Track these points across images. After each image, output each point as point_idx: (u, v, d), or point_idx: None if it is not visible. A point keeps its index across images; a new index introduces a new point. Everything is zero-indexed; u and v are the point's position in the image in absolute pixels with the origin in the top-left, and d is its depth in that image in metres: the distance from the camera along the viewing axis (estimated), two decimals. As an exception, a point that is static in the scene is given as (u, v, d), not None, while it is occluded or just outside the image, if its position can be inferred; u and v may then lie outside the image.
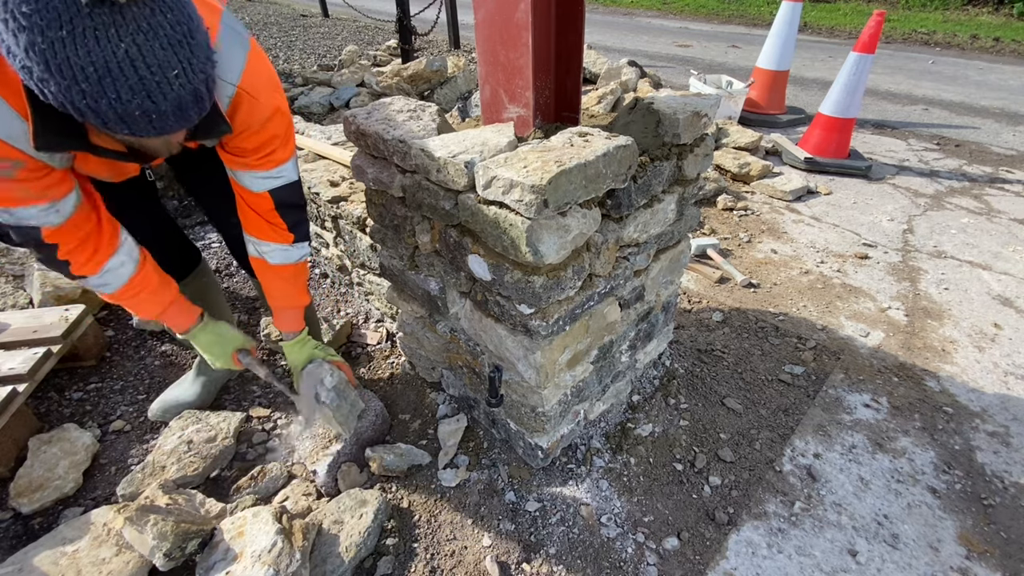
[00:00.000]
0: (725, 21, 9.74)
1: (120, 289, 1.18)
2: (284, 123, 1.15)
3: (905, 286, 2.54)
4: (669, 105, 1.37)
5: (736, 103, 4.32)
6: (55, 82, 0.70)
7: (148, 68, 0.72)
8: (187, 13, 0.75)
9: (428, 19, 6.00)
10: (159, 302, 1.27)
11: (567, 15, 1.29)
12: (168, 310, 1.29)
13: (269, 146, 1.14)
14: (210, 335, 1.38)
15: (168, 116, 0.78)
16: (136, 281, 1.20)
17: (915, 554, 1.43)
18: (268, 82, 1.08)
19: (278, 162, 1.18)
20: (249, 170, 1.18)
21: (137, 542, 1.25)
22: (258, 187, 1.20)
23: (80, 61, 0.69)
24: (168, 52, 0.73)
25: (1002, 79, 6.11)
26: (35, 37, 0.67)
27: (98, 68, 0.69)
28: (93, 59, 0.69)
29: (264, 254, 1.32)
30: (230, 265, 2.53)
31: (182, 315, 1.33)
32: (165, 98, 0.75)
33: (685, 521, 1.49)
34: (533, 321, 1.25)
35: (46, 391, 1.84)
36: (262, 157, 1.15)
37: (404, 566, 1.36)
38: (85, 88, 0.70)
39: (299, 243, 1.33)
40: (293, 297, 1.41)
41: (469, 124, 1.59)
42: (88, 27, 0.68)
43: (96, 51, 0.69)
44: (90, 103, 0.72)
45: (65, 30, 0.67)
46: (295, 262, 1.35)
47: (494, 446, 1.65)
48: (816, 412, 1.85)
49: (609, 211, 1.29)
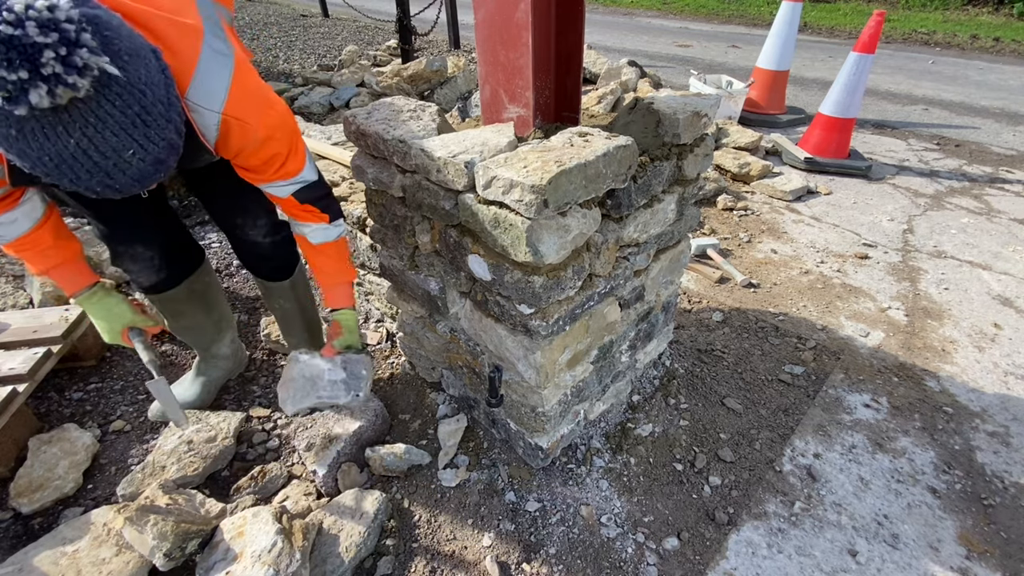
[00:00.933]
0: (725, 21, 9.74)
1: (11, 242, 1.18)
2: (285, 138, 1.14)
3: (905, 286, 2.54)
4: (669, 105, 1.37)
5: (736, 103, 4.32)
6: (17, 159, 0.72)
7: (102, 154, 0.73)
8: (139, 90, 0.74)
9: (428, 19, 6.00)
10: (46, 262, 1.25)
11: (567, 15, 1.29)
12: (56, 271, 1.27)
13: (275, 162, 1.15)
14: (97, 306, 1.32)
15: (131, 185, 0.79)
16: (28, 238, 1.19)
17: (915, 554, 1.43)
18: (257, 101, 1.06)
19: (292, 173, 1.20)
20: (264, 183, 1.21)
21: (137, 542, 1.25)
22: (282, 193, 1.24)
23: (34, 153, 0.70)
24: (121, 136, 0.74)
25: (1002, 79, 6.11)
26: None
27: (52, 158, 0.71)
28: (46, 151, 0.70)
29: (306, 234, 1.37)
30: (230, 265, 2.53)
31: (72, 280, 1.30)
32: (124, 174, 0.77)
33: (685, 521, 1.49)
34: (533, 321, 1.25)
35: (46, 391, 1.84)
36: (273, 172, 1.17)
37: (404, 566, 1.36)
38: (44, 170, 0.72)
39: (335, 221, 1.37)
40: (341, 272, 1.46)
41: (469, 124, 1.59)
42: (35, 127, 0.68)
43: (47, 145, 0.70)
44: (53, 179, 0.74)
45: (14, 129, 0.68)
46: (334, 239, 1.39)
47: (494, 446, 1.65)
48: (816, 412, 1.85)
49: (609, 211, 1.29)
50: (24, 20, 0.62)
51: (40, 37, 0.63)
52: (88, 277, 1.32)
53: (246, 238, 1.53)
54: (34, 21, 0.63)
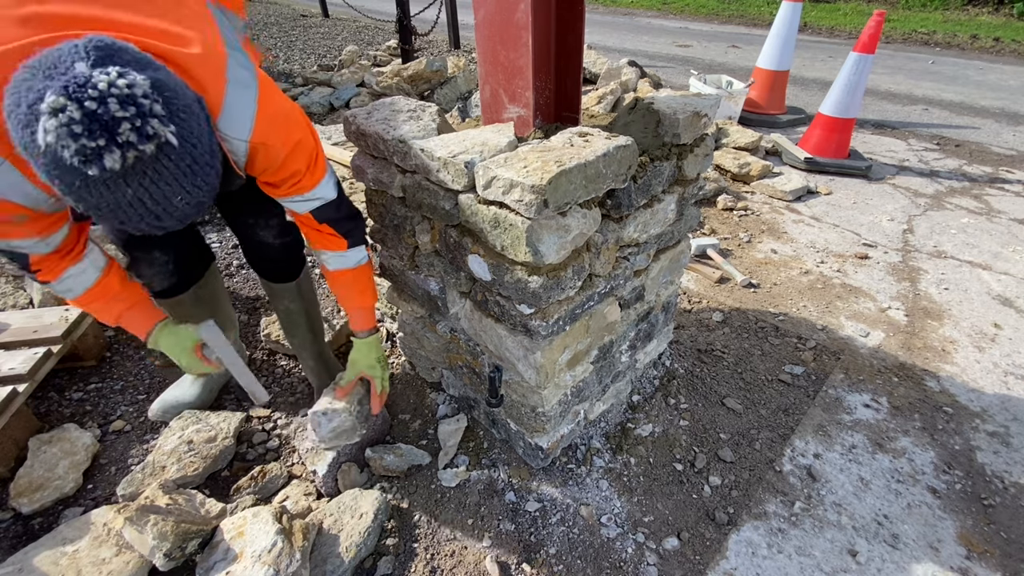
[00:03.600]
0: (725, 21, 9.74)
1: (82, 295, 1.21)
2: (305, 154, 1.15)
3: (905, 286, 2.54)
4: (669, 105, 1.37)
5: (736, 103, 4.32)
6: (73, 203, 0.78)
7: (155, 201, 0.80)
8: (191, 145, 0.80)
9: (428, 19, 6.00)
10: (117, 307, 1.28)
11: (567, 15, 1.29)
12: (127, 315, 1.30)
13: (294, 178, 1.16)
14: (170, 338, 1.36)
15: (175, 224, 0.87)
16: (97, 288, 1.22)
17: (915, 554, 1.43)
18: (280, 124, 1.08)
19: (307, 188, 1.20)
20: (284, 197, 1.21)
21: (137, 542, 1.25)
22: (300, 209, 1.24)
23: (93, 200, 0.76)
24: (173, 186, 0.80)
25: (1002, 79, 6.11)
26: (52, 178, 0.74)
27: (109, 205, 0.77)
28: (105, 200, 0.76)
29: (323, 261, 1.37)
30: (230, 265, 2.53)
31: (142, 320, 1.33)
32: (171, 216, 0.84)
33: (685, 521, 1.49)
34: (533, 321, 1.25)
35: (46, 391, 1.84)
36: (291, 187, 1.18)
37: (404, 566, 1.36)
38: (99, 214, 0.79)
39: (354, 247, 1.35)
40: (355, 299, 1.44)
41: (469, 124, 1.59)
42: (98, 180, 0.74)
43: (107, 195, 0.76)
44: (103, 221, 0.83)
45: (78, 181, 0.74)
46: (353, 266, 1.37)
47: (494, 446, 1.65)
48: (816, 412, 1.85)
49: (609, 211, 1.29)
50: (107, 97, 0.69)
51: (120, 112, 0.70)
52: (156, 314, 1.35)
53: (256, 238, 1.53)
54: (115, 98, 0.70)
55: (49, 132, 0.68)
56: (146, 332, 1.33)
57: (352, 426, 1.49)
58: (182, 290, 1.55)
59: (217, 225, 2.80)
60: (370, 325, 1.49)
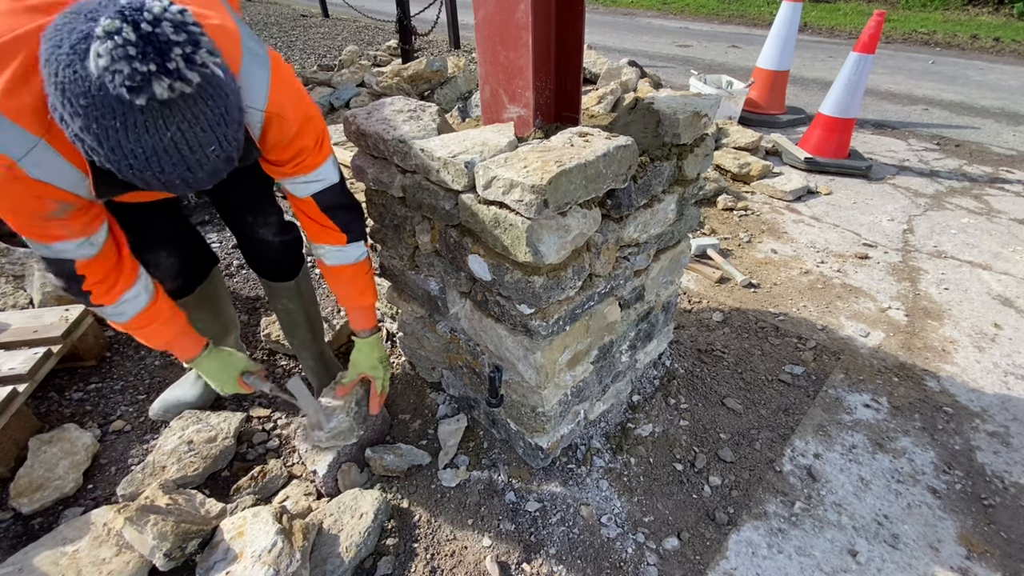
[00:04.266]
0: (725, 21, 9.74)
1: (133, 319, 1.21)
2: (314, 131, 1.16)
3: (905, 286, 2.54)
4: (669, 105, 1.37)
5: (736, 103, 4.32)
6: (105, 156, 0.77)
7: (190, 149, 0.80)
8: (224, 93, 0.81)
9: (428, 19, 6.00)
10: (168, 332, 1.30)
11: (567, 15, 1.29)
12: (176, 340, 1.32)
13: (301, 155, 1.17)
14: (215, 361, 1.39)
15: (204, 180, 0.86)
16: (149, 312, 1.23)
17: (915, 554, 1.43)
18: (293, 96, 1.09)
19: (312, 167, 1.19)
20: (287, 177, 1.20)
21: (137, 542, 1.25)
22: (301, 192, 1.23)
23: (130, 145, 0.76)
24: (207, 133, 0.80)
25: (1002, 79, 6.11)
26: (90, 123, 0.74)
27: (146, 151, 0.77)
28: (142, 145, 0.76)
29: (321, 256, 1.35)
30: (230, 265, 2.53)
31: (189, 344, 1.35)
32: (202, 168, 0.83)
33: (685, 521, 1.49)
34: (533, 321, 1.25)
35: (46, 391, 1.84)
36: (297, 165, 1.18)
37: (404, 566, 1.36)
38: (132, 163, 0.78)
39: (353, 243, 1.33)
40: (355, 297, 1.43)
41: (469, 124, 1.59)
42: (139, 119, 0.74)
43: (145, 138, 0.76)
44: (136, 174, 0.80)
45: (119, 121, 0.73)
46: (352, 262, 1.36)
47: (494, 446, 1.65)
48: (816, 412, 1.85)
49: (609, 211, 1.29)
50: (161, 21, 0.70)
51: (173, 35, 0.71)
52: (201, 338, 1.38)
53: (256, 236, 1.53)
54: (169, 22, 0.71)
55: (102, 56, 0.68)
56: (195, 354, 1.36)
57: (349, 427, 1.49)
58: (187, 292, 1.55)
59: (217, 225, 2.80)
60: (371, 324, 1.48)
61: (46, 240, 1.01)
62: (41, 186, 0.91)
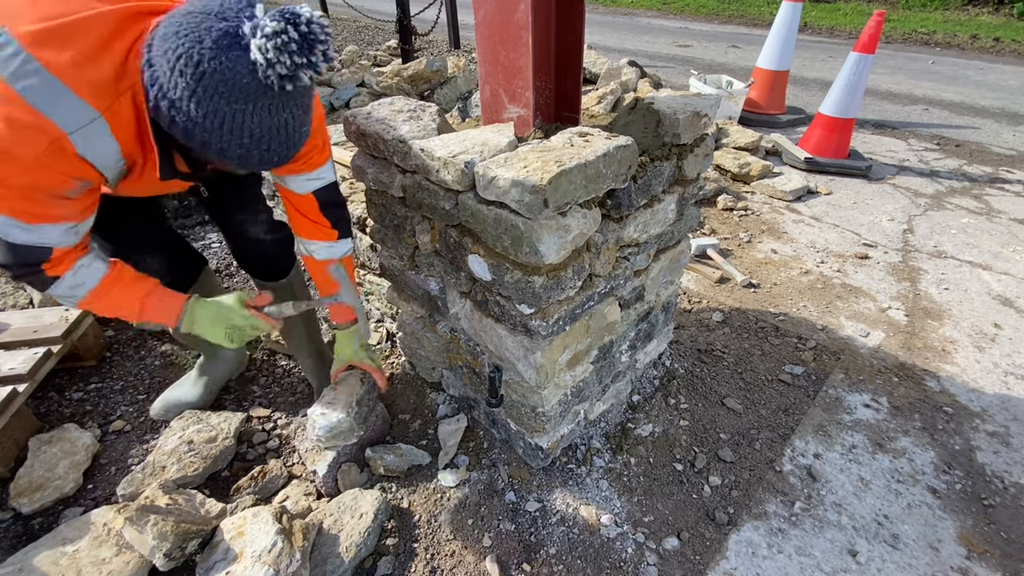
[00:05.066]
0: (725, 21, 9.74)
1: (96, 287, 1.11)
2: (322, 131, 1.25)
3: (905, 286, 2.54)
4: (669, 105, 1.37)
5: (736, 103, 4.32)
6: (218, 136, 0.86)
7: (295, 130, 0.93)
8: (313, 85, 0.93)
9: (428, 19, 6.00)
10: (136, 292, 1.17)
11: (567, 15, 1.29)
12: (150, 300, 1.18)
13: (310, 153, 1.24)
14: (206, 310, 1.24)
15: (282, 160, 0.96)
16: (110, 276, 1.12)
17: (915, 554, 1.43)
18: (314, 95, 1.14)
19: (318, 164, 1.27)
20: (293, 174, 1.26)
21: (137, 542, 1.25)
22: (303, 189, 1.29)
23: (251, 126, 0.87)
24: (305, 117, 0.94)
25: (1002, 79, 6.11)
26: (218, 104, 0.83)
27: (263, 131, 0.88)
28: (262, 124, 0.87)
29: (312, 252, 1.40)
30: (230, 265, 2.53)
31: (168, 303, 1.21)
32: (295, 147, 0.95)
33: (685, 521, 1.49)
34: (533, 321, 1.25)
35: (46, 391, 1.84)
36: (304, 163, 1.24)
37: (404, 566, 1.36)
38: (246, 142, 0.88)
39: (343, 239, 1.41)
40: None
41: (469, 124, 1.59)
42: (267, 103, 0.86)
43: (266, 120, 0.87)
44: (243, 152, 0.89)
45: (250, 104, 0.85)
46: (340, 257, 1.42)
47: (494, 446, 1.65)
48: (816, 412, 1.85)
49: (609, 211, 1.29)
50: (312, 23, 0.83)
51: (321, 36, 0.84)
52: (179, 295, 1.24)
53: (248, 235, 1.53)
54: (317, 25, 0.84)
55: (269, 51, 0.80)
56: (177, 314, 1.21)
57: (349, 427, 1.49)
58: None
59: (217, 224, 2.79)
60: (352, 317, 1.52)
61: (36, 221, 0.95)
62: (78, 163, 0.92)
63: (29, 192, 0.91)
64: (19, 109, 0.82)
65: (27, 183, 0.90)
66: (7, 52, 0.81)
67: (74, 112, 0.86)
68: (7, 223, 0.94)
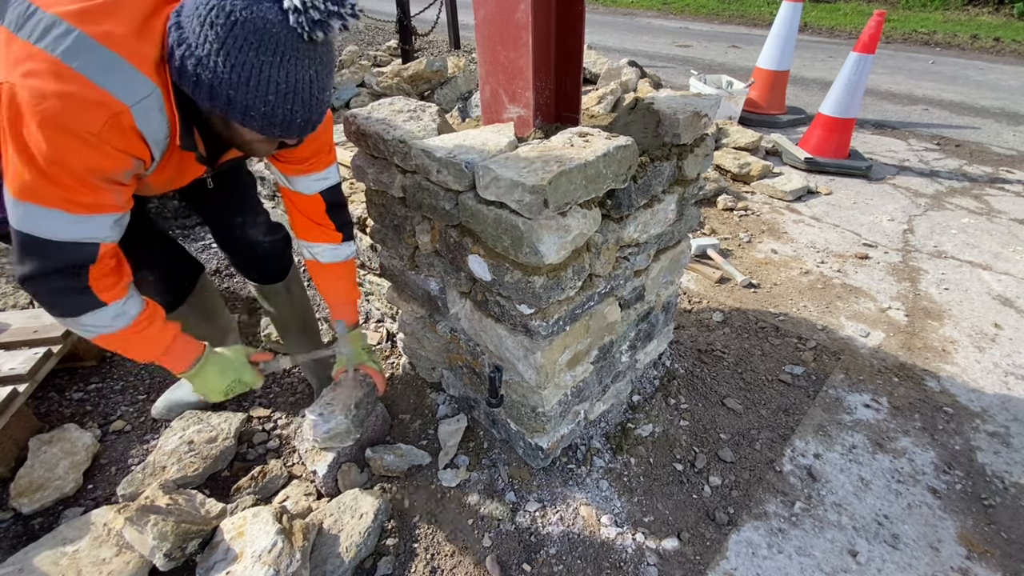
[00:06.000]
0: (725, 21, 9.74)
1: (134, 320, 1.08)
2: (330, 133, 1.27)
3: (905, 286, 2.54)
4: (669, 105, 1.37)
5: (736, 103, 4.32)
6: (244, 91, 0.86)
7: (319, 89, 0.92)
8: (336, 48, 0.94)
9: (428, 19, 6.00)
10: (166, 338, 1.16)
11: (567, 16, 1.29)
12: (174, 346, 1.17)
13: (319, 153, 1.26)
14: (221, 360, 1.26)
15: (312, 124, 0.96)
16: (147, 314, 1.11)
17: (915, 554, 1.43)
18: None
19: (324, 165, 1.29)
20: (302, 174, 1.28)
21: (137, 542, 1.25)
22: (311, 189, 1.31)
23: (277, 78, 0.86)
24: (329, 79, 0.94)
25: (1002, 79, 6.11)
26: (247, 56, 0.84)
27: (288, 85, 0.88)
28: (288, 79, 0.87)
29: (316, 255, 1.41)
30: (230, 266, 2.53)
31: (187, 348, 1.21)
32: (319, 111, 0.95)
33: (685, 521, 1.49)
34: (533, 321, 1.25)
35: (46, 391, 1.84)
36: (313, 163, 1.26)
37: (404, 566, 1.36)
38: (271, 99, 0.88)
39: (346, 242, 1.42)
40: (345, 292, 1.49)
41: (469, 124, 1.59)
42: (294, 55, 0.86)
43: (292, 73, 0.87)
44: (267, 111, 0.89)
45: (278, 55, 0.85)
46: (344, 260, 1.44)
47: (494, 446, 1.65)
48: (816, 412, 1.85)
49: (609, 211, 1.29)
50: None
51: None
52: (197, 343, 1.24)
53: (246, 238, 1.53)
54: None
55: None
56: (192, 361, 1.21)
57: (347, 429, 1.50)
58: (179, 303, 1.54)
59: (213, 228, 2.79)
60: (356, 319, 1.53)
61: (87, 211, 0.92)
62: (134, 139, 0.92)
63: (86, 175, 0.89)
64: (76, 84, 0.82)
65: (85, 165, 0.88)
66: (58, 31, 0.82)
67: (135, 85, 0.87)
68: (52, 217, 0.90)
